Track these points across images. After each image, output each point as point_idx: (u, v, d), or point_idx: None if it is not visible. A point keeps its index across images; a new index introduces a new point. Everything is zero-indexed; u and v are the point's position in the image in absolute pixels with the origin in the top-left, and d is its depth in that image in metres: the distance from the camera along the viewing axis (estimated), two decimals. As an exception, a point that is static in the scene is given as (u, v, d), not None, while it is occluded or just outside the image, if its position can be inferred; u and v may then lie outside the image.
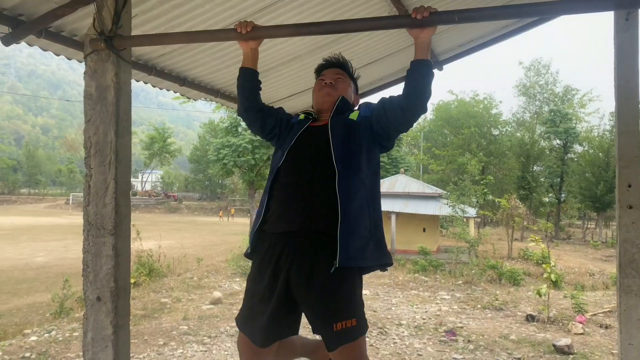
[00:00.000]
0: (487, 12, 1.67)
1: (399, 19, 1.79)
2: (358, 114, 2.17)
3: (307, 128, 2.19)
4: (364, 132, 2.11)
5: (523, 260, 18.41)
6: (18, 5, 2.18)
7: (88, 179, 2.12)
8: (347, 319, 1.91)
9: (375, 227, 2.09)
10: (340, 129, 2.09)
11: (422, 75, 1.92)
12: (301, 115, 2.30)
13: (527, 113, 41.77)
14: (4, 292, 12.52)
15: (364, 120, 2.13)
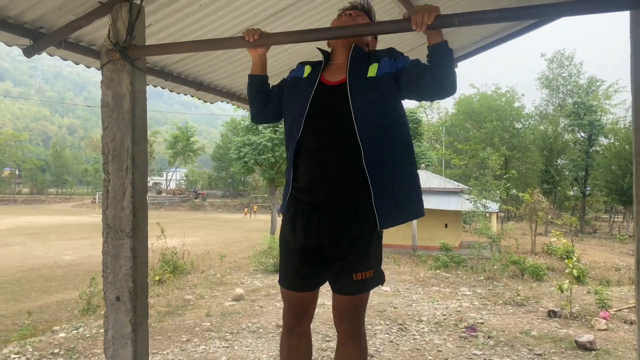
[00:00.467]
0: (489, 15, 1.69)
1: (403, 22, 1.83)
2: (377, 68, 2.03)
3: (320, 85, 2.06)
4: (385, 90, 2.02)
5: (547, 255, 18.19)
6: (38, 19, 2.28)
7: (106, 184, 2.22)
8: (366, 271, 2.04)
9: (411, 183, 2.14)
10: (360, 94, 1.99)
11: (445, 57, 1.88)
12: (306, 68, 2.17)
13: (550, 106, 41.12)
14: (34, 289, 12.87)
15: (386, 76, 2.02)
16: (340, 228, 2.04)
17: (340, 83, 2.04)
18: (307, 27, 2.92)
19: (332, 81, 2.07)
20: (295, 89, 2.14)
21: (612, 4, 1.70)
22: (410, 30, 1.80)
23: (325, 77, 2.10)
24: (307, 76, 2.14)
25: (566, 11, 1.74)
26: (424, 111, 50.87)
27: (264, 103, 2.28)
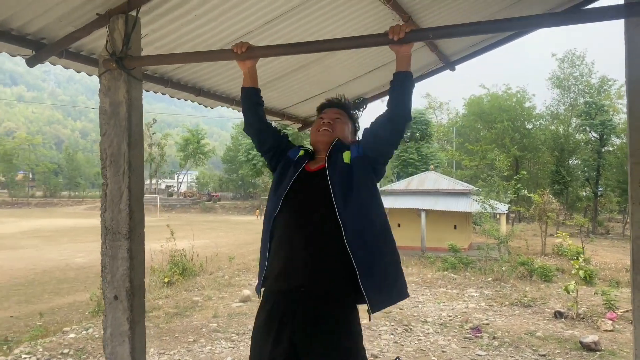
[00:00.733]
0: (462, 29, 1.75)
1: (380, 37, 1.90)
2: (350, 155, 2.16)
3: (302, 172, 2.17)
4: (360, 172, 2.11)
5: (557, 256, 18.09)
6: (40, 30, 2.39)
7: (104, 188, 2.31)
8: None
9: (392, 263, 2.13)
10: (338, 177, 2.07)
11: (404, 85, 2.01)
12: (301, 152, 2.29)
13: (562, 106, 40.82)
14: (46, 291, 13.08)
15: (357, 160, 2.14)
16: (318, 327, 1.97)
17: (319, 169, 2.16)
18: (298, 36, 3.00)
19: (313, 168, 2.20)
20: (284, 170, 2.25)
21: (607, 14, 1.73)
22: (389, 41, 1.87)
23: (308, 166, 2.22)
24: (297, 160, 2.26)
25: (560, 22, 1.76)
26: (433, 112, 50.76)
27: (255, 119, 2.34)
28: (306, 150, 2.30)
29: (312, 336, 1.97)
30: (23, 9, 2.21)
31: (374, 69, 4.04)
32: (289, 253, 2.05)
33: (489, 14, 3.76)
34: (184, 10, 2.53)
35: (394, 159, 38.47)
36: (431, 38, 1.80)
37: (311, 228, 2.04)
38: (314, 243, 2.02)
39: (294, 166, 2.21)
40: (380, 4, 2.91)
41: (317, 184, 2.09)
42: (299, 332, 1.97)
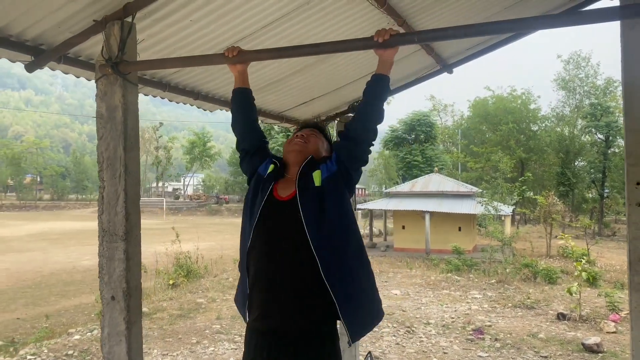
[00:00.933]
0: (449, 32, 1.79)
1: (366, 41, 1.94)
2: (320, 176, 2.11)
3: (271, 198, 2.12)
4: (332, 194, 2.07)
5: (562, 258, 18.03)
6: (38, 36, 2.44)
7: (101, 190, 2.36)
8: None
9: (368, 286, 2.13)
10: (310, 205, 2.03)
11: (380, 87, 2.07)
12: (270, 166, 2.25)
13: (567, 107, 40.72)
14: (53, 293, 13.19)
15: (328, 180, 2.09)
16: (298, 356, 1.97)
17: (290, 198, 2.10)
18: (293, 41, 3.05)
19: (283, 197, 2.13)
20: (255, 190, 2.22)
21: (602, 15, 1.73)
22: (374, 46, 1.91)
23: (277, 192, 2.16)
24: (265, 178, 2.21)
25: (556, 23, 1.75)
26: (438, 114, 50.69)
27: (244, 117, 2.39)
28: (276, 164, 2.26)
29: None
30: (22, 15, 2.26)
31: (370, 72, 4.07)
32: (266, 291, 2.04)
33: (485, 17, 3.78)
34: (181, 16, 2.58)
35: (399, 161, 38.47)
36: (416, 42, 1.83)
37: (286, 261, 2.01)
38: (291, 278, 2.00)
39: (262, 190, 2.16)
40: (374, 8, 2.95)
41: (288, 213, 2.04)
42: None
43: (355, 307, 2.01)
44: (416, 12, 3.31)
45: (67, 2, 2.23)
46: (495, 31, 1.78)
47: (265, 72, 3.60)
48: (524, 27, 1.83)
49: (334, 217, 2.04)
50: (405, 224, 21.59)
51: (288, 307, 1.99)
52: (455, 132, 47.85)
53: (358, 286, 2.05)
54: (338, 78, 4.15)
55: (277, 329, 2.00)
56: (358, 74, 4.08)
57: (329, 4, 2.86)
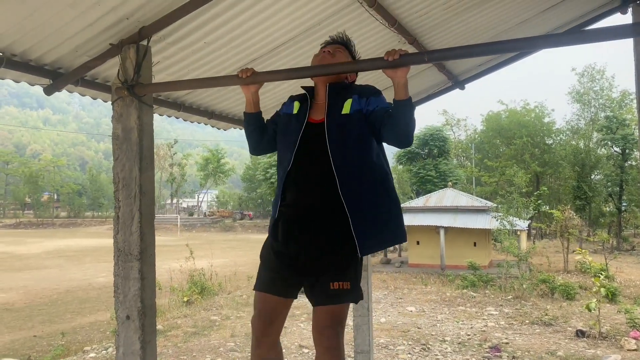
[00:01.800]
0: (457, 52, 1.80)
1: (376, 61, 1.96)
2: (351, 105, 2.22)
3: (307, 125, 2.26)
4: (357, 127, 2.20)
5: (580, 273, 17.75)
6: (56, 61, 2.51)
7: (117, 210, 2.40)
8: (342, 281, 2.13)
9: (388, 213, 2.26)
10: (335, 132, 2.19)
11: (404, 114, 2.06)
12: (295, 104, 2.36)
13: (582, 120, 40.36)
14: (69, 311, 13.27)
15: (356, 114, 2.21)
16: (319, 242, 2.18)
17: (321, 122, 2.25)
18: (305, 62, 3.09)
19: (316, 119, 2.28)
20: (287, 127, 2.34)
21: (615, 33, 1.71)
22: (385, 65, 1.92)
23: (312, 116, 2.30)
24: (297, 113, 2.34)
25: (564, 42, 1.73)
26: (451, 128, 50.55)
27: (259, 138, 2.47)
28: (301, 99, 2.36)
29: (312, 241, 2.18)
30: (41, 40, 2.33)
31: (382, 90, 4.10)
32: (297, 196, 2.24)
33: (494, 34, 3.80)
34: (194, 39, 2.63)
35: (412, 176, 38.34)
36: (426, 61, 1.85)
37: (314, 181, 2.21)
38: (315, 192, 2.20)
39: (297, 120, 2.30)
40: (385, 27, 2.98)
41: (319, 139, 2.19)
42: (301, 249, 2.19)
43: (367, 224, 2.16)
44: (426, 30, 3.34)
45: (85, 27, 2.29)
46: (502, 50, 1.79)
47: (276, 93, 3.65)
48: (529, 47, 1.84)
49: (357, 145, 2.19)
50: (419, 239, 21.43)
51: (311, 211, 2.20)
52: (468, 146, 47.63)
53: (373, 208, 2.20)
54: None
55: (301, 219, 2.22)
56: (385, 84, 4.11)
57: (340, 25, 2.90)
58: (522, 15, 3.67)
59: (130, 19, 2.31)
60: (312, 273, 2.19)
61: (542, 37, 1.71)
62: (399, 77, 2.01)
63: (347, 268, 2.18)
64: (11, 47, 2.33)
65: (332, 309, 2.15)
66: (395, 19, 2.93)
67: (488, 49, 1.73)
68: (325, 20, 2.84)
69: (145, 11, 2.29)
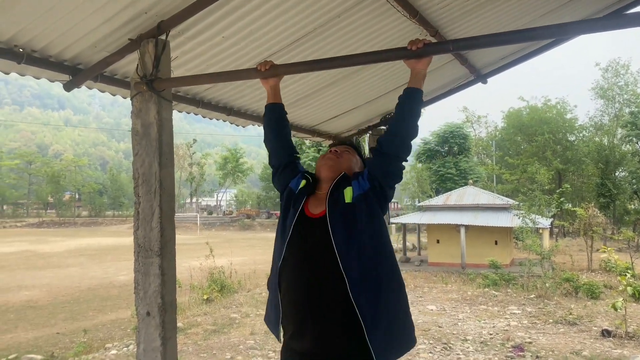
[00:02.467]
0: (484, 40, 1.73)
1: (398, 51, 1.90)
2: (351, 193, 2.06)
3: (302, 216, 2.08)
4: (363, 212, 2.02)
5: (604, 272, 17.41)
6: (76, 56, 2.50)
7: (137, 206, 2.38)
8: None
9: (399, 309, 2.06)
10: (340, 223, 1.99)
11: (414, 101, 1.98)
12: (302, 182, 2.22)
13: (606, 116, 39.55)
14: (90, 308, 13.42)
15: (360, 198, 2.04)
16: None
17: (321, 216, 2.05)
18: (324, 55, 3.04)
19: (314, 214, 2.09)
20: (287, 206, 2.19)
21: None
22: (408, 55, 1.87)
23: (309, 208, 2.12)
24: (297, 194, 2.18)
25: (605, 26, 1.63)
26: (471, 125, 49.99)
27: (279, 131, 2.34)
28: (308, 179, 2.22)
29: None
30: (60, 36, 2.32)
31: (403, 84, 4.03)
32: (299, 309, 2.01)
33: (519, 25, 3.71)
34: (212, 33, 2.60)
35: (432, 174, 38.02)
36: (451, 50, 1.78)
37: (315, 280, 1.98)
38: (321, 297, 1.96)
39: (293, 206, 2.13)
40: (406, 19, 2.92)
41: (319, 231, 2.00)
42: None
43: (383, 330, 1.93)
44: (449, 22, 3.26)
45: (103, 23, 2.27)
46: (533, 38, 1.72)
47: (296, 87, 3.61)
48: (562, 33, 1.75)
49: (364, 236, 1.99)
50: (439, 237, 21.24)
51: (319, 331, 1.95)
52: (489, 143, 47.04)
53: (387, 309, 1.97)
54: (370, 91, 4.12)
55: (309, 351, 1.97)
56: (390, 86, 4.05)
57: (360, 17, 2.85)
58: (549, 5, 3.56)
59: (148, 13, 2.28)
60: None
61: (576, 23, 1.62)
62: (420, 68, 1.95)
63: None
64: (31, 43, 2.32)
65: None
66: (417, 10, 2.87)
67: (517, 36, 1.66)
68: (345, 12, 2.79)
69: (163, 5, 2.26)
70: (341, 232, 1.96)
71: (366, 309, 1.90)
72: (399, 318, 2.03)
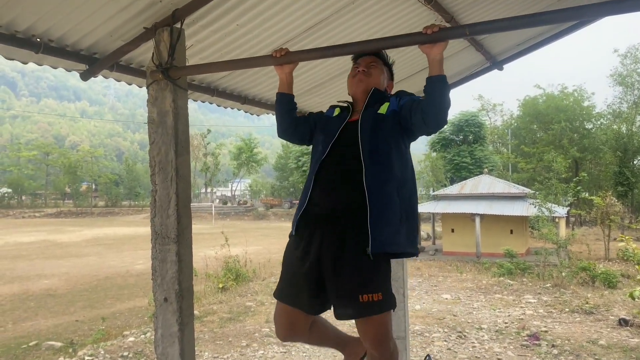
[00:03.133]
0: (501, 24, 1.70)
1: (413, 36, 1.89)
2: (388, 107, 2.26)
3: (346, 125, 2.30)
4: (392, 126, 2.22)
5: (622, 261, 17.21)
6: (92, 46, 2.52)
7: (154, 194, 2.40)
8: (373, 292, 2.05)
9: (406, 217, 2.19)
10: (369, 125, 2.22)
11: (438, 91, 2.00)
12: (336, 110, 2.43)
13: (625, 104, 38.90)
14: (108, 297, 13.63)
15: (393, 114, 2.23)
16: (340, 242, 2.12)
17: (355, 120, 2.30)
18: (338, 42, 3.02)
19: (352, 119, 2.33)
20: (326, 125, 2.39)
21: None
22: (422, 39, 1.85)
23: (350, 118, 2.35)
24: (337, 115, 2.40)
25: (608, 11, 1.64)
26: (487, 114, 49.48)
27: (290, 123, 2.48)
28: (342, 107, 2.42)
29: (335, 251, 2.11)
30: (76, 25, 2.34)
31: (420, 70, 4.01)
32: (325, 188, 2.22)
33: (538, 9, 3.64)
34: (227, 21, 2.61)
35: (446, 163, 37.78)
36: (467, 35, 1.76)
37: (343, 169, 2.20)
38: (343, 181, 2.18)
39: (338, 119, 2.35)
40: (421, 5, 2.89)
41: (354, 132, 2.23)
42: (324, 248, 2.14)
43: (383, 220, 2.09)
44: (465, 7, 3.22)
45: (119, 11, 2.29)
46: (551, 21, 1.69)
47: (310, 75, 3.60)
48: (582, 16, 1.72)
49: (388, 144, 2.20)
50: (454, 227, 21.15)
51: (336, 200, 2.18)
52: (505, 132, 46.55)
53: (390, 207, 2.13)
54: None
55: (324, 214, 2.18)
56: (407, 72, 4.02)
57: (375, 3, 2.83)
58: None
59: (163, 1, 2.29)
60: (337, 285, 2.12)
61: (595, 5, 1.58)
62: (435, 53, 1.96)
63: (374, 275, 2.09)
64: (48, 33, 2.35)
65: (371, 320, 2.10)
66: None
67: (534, 20, 1.63)
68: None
69: (178, -7, 2.27)
70: (368, 132, 2.20)
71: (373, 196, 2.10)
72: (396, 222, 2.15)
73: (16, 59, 2.43)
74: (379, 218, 2.08)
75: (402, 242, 2.16)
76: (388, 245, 2.11)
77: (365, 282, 2.06)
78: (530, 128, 41.28)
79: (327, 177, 2.23)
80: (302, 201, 2.31)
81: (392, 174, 2.17)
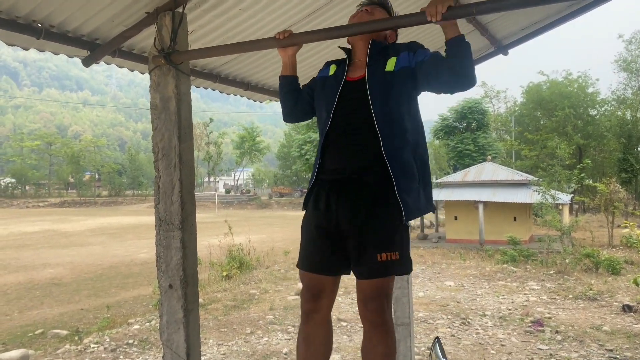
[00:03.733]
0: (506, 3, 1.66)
1: (418, 16, 1.85)
2: (395, 62, 2.11)
3: (345, 83, 2.17)
4: (402, 84, 2.10)
5: (626, 247, 17.20)
6: (94, 31, 2.50)
7: (157, 180, 2.39)
8: (391, 251, 2.03)
9: (423, 178, 2.17)
10: (378, 87, 2.09)
11: (464, 50, 1.91)
12: (332, 67, 2.30)
13: (629, 90, 38.62)
14: (113, 285, 13.69)
15: (403, 71, 2.10)
16: (360, 206, 2.07)
17: (360, 79, 2.15)
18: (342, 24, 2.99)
19: (354, 77, 2.18)
20: (324, 88, 2.26)
21: None
22: (426, 22, 1.82)
23: (349, 75, 2.21)
24: (333, 74, 2.26)
25: None
26: (490, 101, 49.23)
27: (294, 103, 2.42)
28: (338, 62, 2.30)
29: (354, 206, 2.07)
30: (78, 10, 2.31)
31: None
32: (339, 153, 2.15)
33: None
34: (229, 5, 2.57)
35: (450, 150, 37.69)
36: (474, 14, 1.73)
37: (355, 140, 2.12)
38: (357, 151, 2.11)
39: (335, 79, 2.22)
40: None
41: (360, 96, 2.10)
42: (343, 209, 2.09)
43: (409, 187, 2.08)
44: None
45: (120, -4, 2.26)
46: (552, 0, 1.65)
47: (312, 61, 3.57)
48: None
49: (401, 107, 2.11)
50: (457, 214, 21.14)
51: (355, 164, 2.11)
52: (508, 119, 46.33)
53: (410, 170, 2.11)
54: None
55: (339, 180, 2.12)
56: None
57: (379, -14, 2.78)
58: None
59: (165, -15, 2.27)
60: (356, 243, 2.06)
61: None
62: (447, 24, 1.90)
63: (394, 235, 2.06)
64: (49, 18, 2.32)
65: (376, 282, 2.04)
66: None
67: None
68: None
69: (179, -23, 2.24)
70: (378, 95, 2.08)
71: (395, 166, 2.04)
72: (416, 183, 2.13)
73: (17, 44, 2.41)
74: (405, 187, 2.06)
75: (423, 205, 2.16)
76: (416, 212, 2.12)
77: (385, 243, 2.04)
78: (534, 115, 41.08)
79: (338, 146, 2.15)
80: (313, 173, 2.26)
81: (406, 138, 2.11)
